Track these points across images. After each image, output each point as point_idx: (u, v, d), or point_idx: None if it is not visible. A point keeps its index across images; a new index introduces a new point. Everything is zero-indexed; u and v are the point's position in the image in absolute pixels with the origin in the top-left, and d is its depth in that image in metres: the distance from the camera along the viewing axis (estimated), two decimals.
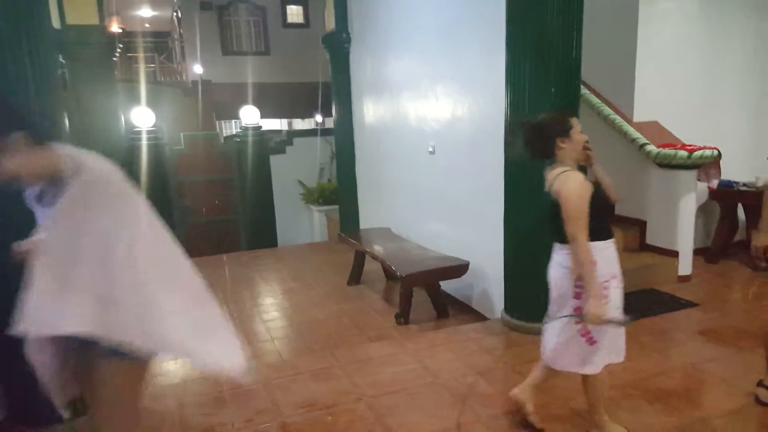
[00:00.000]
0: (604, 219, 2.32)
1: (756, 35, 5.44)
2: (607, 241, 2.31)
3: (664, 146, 4.63)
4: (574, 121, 2.35)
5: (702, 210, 5.24)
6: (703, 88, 5.28)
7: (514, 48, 3.51)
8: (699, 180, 4.66)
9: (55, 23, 5.75)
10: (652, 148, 4.66)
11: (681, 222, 4.63)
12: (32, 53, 2.54)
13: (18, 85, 2.51)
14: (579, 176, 2.26)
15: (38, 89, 2.58)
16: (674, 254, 4.67)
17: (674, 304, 4.18)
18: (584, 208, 2.18)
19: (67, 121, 3.02)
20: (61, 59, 5.99)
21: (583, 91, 4.90)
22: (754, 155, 5.44)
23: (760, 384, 2.74)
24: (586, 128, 3.70)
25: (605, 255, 2.28)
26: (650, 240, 4.91)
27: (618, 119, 4.99)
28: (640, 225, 4.98)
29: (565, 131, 2.32)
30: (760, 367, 2.82)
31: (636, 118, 5.03)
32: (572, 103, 3.51)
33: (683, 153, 4.46)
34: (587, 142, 2.35)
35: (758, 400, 2.72)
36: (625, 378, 3.04)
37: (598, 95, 5.22)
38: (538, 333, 3.59)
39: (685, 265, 4.67)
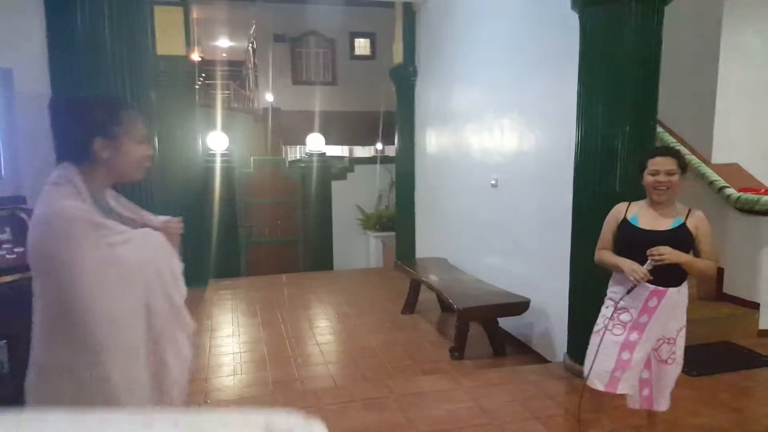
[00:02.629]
0: (630, 252, 2.39)
1: None
2: None
3: (745, 190, 4.37)
4: (650, 161, 2.40)
5: None
6: None
7: (587, 84, 3.44)
8: None
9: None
10: (732, 191, 4.40)
11: (763, 271, 4.31)
12: (133, 83, 2.87)
13: None
14: (618, 206, 2.58)
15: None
16: (755, 306, 4.34)
17: (755, 360, 3.86)
18: (605, 230, 2.58)
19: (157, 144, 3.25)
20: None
21: (658, 129, 4.73)
22: None
23: None
24: None
25: (625, 284, 2.40)
26: (728, 289, 4.60)
27: (695, 160, 4.75)
28: (718, 272, 4.68)
29: (641, 170, 2.45)
30: None
31: (714, 160, 4.78)
32: (647, 142, 3.39)
33: (767, 198, 4.19)
34: (659, 183, 2.37)
35: None
36: None
37: (673, 134, 5.02)
38: None
39: (767, 319, 4.33)
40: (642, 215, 2.44)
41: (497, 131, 5.04)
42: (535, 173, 4.44)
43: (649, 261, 2.30)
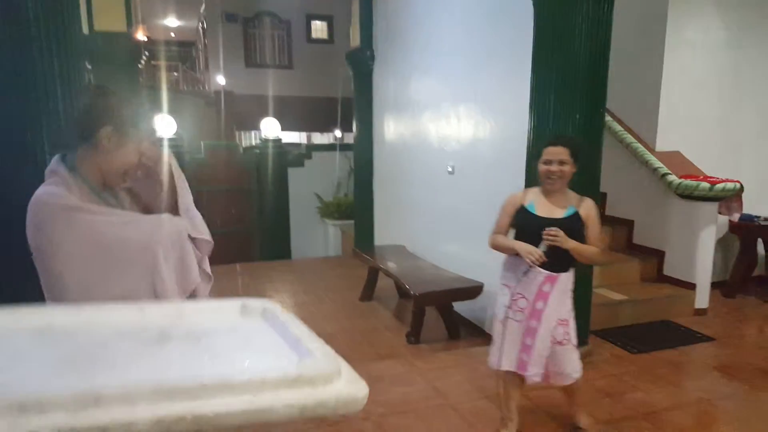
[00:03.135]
0: (527, 239, 2.49)
1: None
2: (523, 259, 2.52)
3: (685, 177, 4.60)
4: (545, 150, 2.52)
5: (721, 243, 5.17)
6: (727, 120, 5.25)
7: (540, 73, 3.52)
8: (720, 213, 4.62)
9: (84, 29, 5.85)
10: (673, 178, 4.62)
11: (700, 254, 4.57)
12: (61, 58, 2.56)
13: (47, 88, 2.52)
14: (515, 193, 2.70)
15: (65, 94, 2.59)
16: (691, 286, 4.61)
17: (690, 337, 4.12)
18: (502, 215, 2.67)
19: None
20: (87, 65, 6.09)
21: (606, 118, 4.90)
22: None
23: None
24: (607, 156, 3.73)
25: (519, 271, 2.54)
26: (668, 271, 4.85)
27: (640, 148, 4.96)
28: (659, 255, 4.92)
29: (537, 158, 2.56)
30: None
31: (659, 148, 5.00)
32: (596, 130, 3.51)
33: (705, 185, 4.43)
34: (551, 173, 2.49)
35: None
36: (638, 410, 2.99)
37: (620, 123, 5.21)
38: None
39: (702, 299, 4.60)
40: (538, 203, 2.56)
41: (454, 119, 5.10)
42: (490, 160, 4.53)
43: (543, 243, 2.41)
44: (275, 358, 0.87)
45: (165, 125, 7.71)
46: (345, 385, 0.84)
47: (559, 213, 2.52)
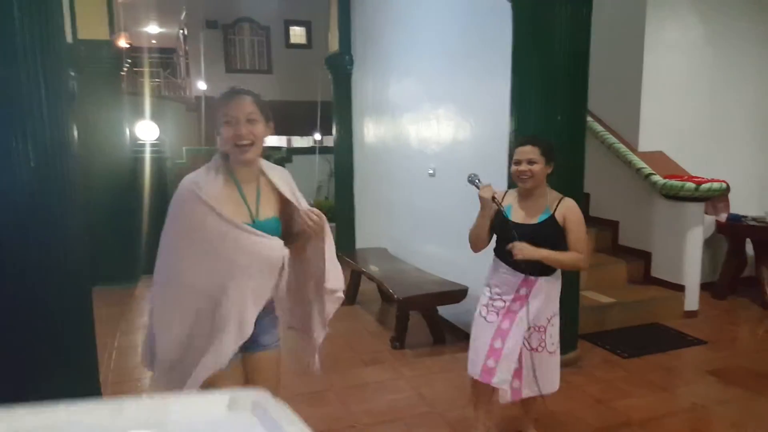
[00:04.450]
0: (503, 242, 2.42)
1: (763, 66, 5.42)
2: (501, 261, 2.48)
3: (669, 177, 4.57)
4: (515, 151, 2.45)
5: (709, 244, 5.14)
6: (710, 119, 5.24)
7: (520, 74, 3.45)
8: (706, 213, 4.58)
9: (67, 37, 5.81)
10: (658, 178, 4.59)
11: (688, 255, 4.52)
12: (46, 66, 2.60)
13: (31, 97, 2.53)
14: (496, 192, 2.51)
15: (50, 102, 2.59)
16: (680, 288, 4.56)
17: (681, 340, 4.05)
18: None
19: (76, 133, 2.99)
20: (71, 72, 6.00)
21: (588, 119, 4.87)
22: (764, 189, 5.37)
23: None
24: (590, 157, 3.67)
25: (498, 273, 2.48)
26: (655, 273, 4.80)
27: (623, 148, 4.93)
28: (645, 257, 4.88)
29: (512, 159, 2.49)
30: None
31: (641, 148, 4.97)
32: (578, 131, 3.45)
33: (691, 185, 4.39)
34: (520, 173, 2.41)
35: None
36: (632, 416, 2.91)
37: (602, 124, 5.18)
38: None
39: (692, 301, 4.54)
40: (515, 207, 2.46)
41: (434, 121, 5.02)
42: (471, 162, 4.44)
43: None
44: None
45: (147, 131, 7.58)
46: None
47: (533, 218, 2.39)
